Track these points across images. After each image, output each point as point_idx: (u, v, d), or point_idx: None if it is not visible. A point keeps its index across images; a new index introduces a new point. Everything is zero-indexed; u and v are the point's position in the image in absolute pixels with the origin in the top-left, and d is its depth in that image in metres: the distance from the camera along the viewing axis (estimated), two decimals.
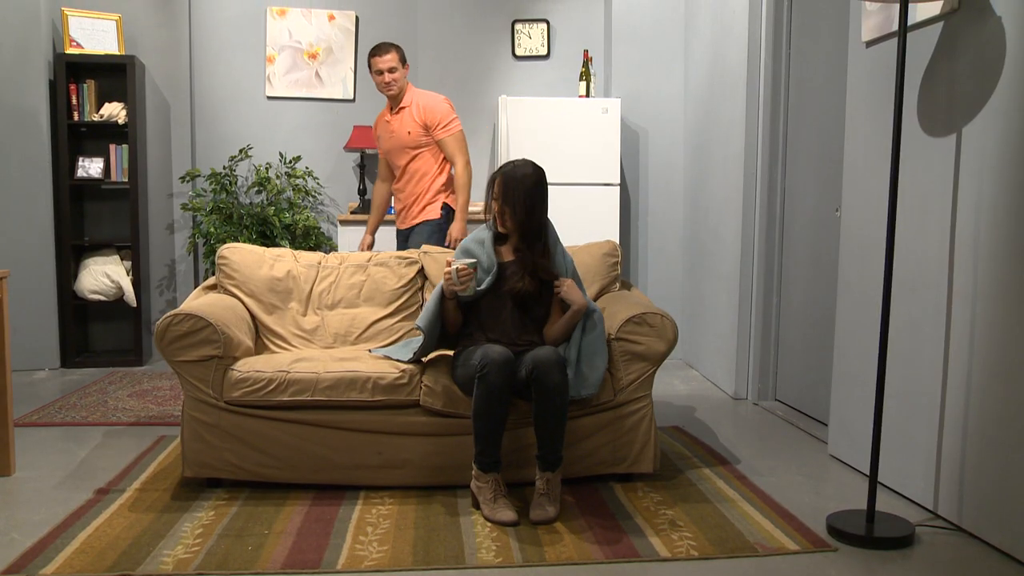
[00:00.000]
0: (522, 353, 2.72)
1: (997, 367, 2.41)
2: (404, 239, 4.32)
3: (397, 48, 4.11)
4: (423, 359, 2.98)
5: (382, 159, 4.33)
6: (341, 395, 2.82)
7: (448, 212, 4.23)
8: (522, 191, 2.79)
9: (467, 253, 2.88)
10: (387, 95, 4.14)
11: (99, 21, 5.11)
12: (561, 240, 2.98)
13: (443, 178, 4.22)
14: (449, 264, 2.71)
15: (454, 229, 4.14)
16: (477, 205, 5.31)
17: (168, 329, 2.79)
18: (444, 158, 4.20)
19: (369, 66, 4.10)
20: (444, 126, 4.11)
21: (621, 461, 2.94)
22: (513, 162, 2.86)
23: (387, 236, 5.13)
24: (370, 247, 4.49)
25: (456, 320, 2.89)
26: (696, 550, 2.39)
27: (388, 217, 5.17)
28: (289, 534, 2.50)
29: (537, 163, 2.88)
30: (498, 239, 2.92)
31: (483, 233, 2.93)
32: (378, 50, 4.08)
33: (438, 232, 4.18)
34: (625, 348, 2.91)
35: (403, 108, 4.13)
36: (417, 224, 4.20)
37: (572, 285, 2.81)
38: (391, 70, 4.06)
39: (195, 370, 2.82)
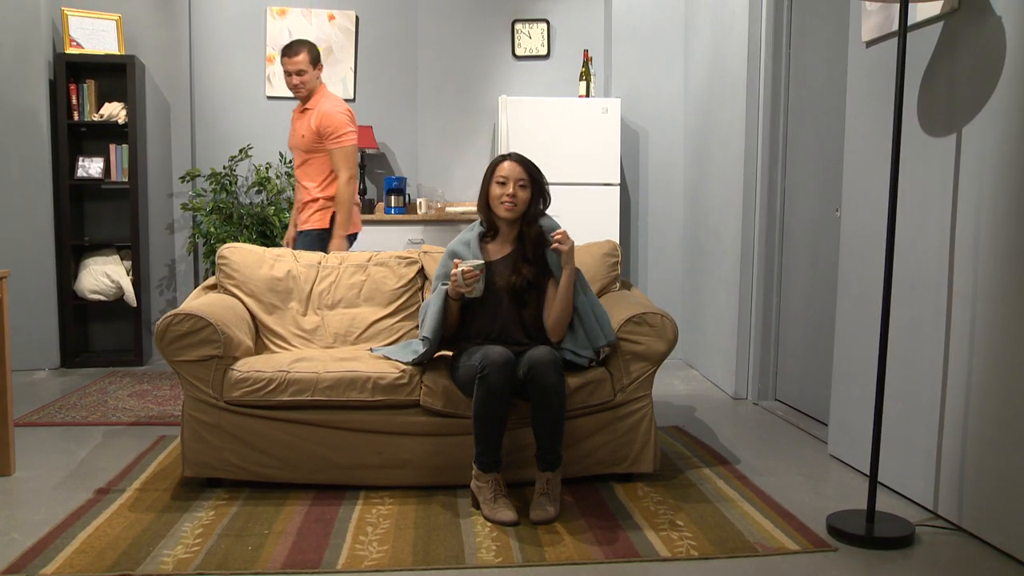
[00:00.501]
0: (522, 353, 2.72)
1: (997, 367, 2.41)
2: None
3: (309, 49, 3.87)
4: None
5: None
6: (341, 395, 2.82)
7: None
8: (537, 174, 2.90)
9: (454, 255, 2.90)
10: (296, 96, 3.95)
11: (99, 21, 5.11)
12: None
13: (334, 190, 3.93)
14: (456, 265, 2.71)
15: (332, 246, 3.85)
16: (469, 205, 5.32)
17: (168, 329, 2.79)
18: None
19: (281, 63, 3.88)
20: (336, 137, 3.84)
21: (621, 461, 2.93)
22: (509, 152, 2.95)
23: (388, 236, 5.14)
24: (293, 242, 4.12)
25: (456, 322, 2.90)
26: (696, 550, 2.39)
27: (389, 217, 5.18)
28: (289, 534, 2.50)
29: None
30: (485, 237, 2.94)
31: (468, 234, 2.95)
32: (289, 50, 3.85)
33: (318, 243, 3.92)
34: (625, 348, 2.91)
35: (308, 110, 3.90)
36: (303, 229, 3.98)
37: (566, 234, 2.82)
38: (299, 72, 3.84)
39: (195, 370, 2.82)
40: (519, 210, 2.86)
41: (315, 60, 3.91)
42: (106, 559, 2.30)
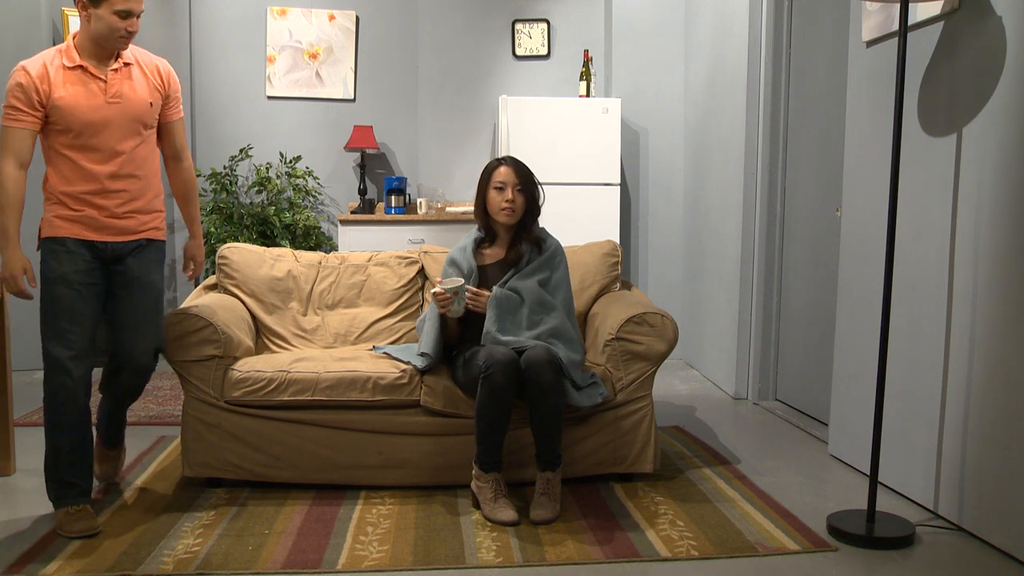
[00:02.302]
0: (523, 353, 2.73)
1: (997, 367, 2.41)
2: (112, 257, 2.62)
3: None
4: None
5: (26, 132, 2.47)
6: (341, 395, 2.82)
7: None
8: (531, 177, 2.92)
9: (454, 263, 2.94)
10: (118, 48, 2.54)
11: None
12: (549, 232, 3.05)
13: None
14: (439, 281, 2.77)
15: (198, 250, 2.91)
16: (470, 205, 5.31)
17: (168, 329, 2.79)
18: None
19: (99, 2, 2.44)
20: (179, 102, 2.78)
21: (621, 461, 2.93)
22: (503, 156, 2.97)
23: (387, 234, 5.14)
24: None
25: (457, 331, 2.91)
26: (696, 550, 2.39)
27: (390, 217, 5.18)
28: (289, 534, 2.50)
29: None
30: (481, 243, 2.96)
31: (466, 240, 2.98)
32: None
33: (163, 259, 2.79)
34: (625, 348, 2.91)
35: (128, 65, 2.58)
36: (142, 239, 2.66)
37: (478, 297, 2.80)
38: (139, 16, 2.51)
39: (195, 370, 2.82)
40: (518, 215, 2.88)
41: None
42: (106, 559, 2.30)
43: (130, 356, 2.65)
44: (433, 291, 2.73)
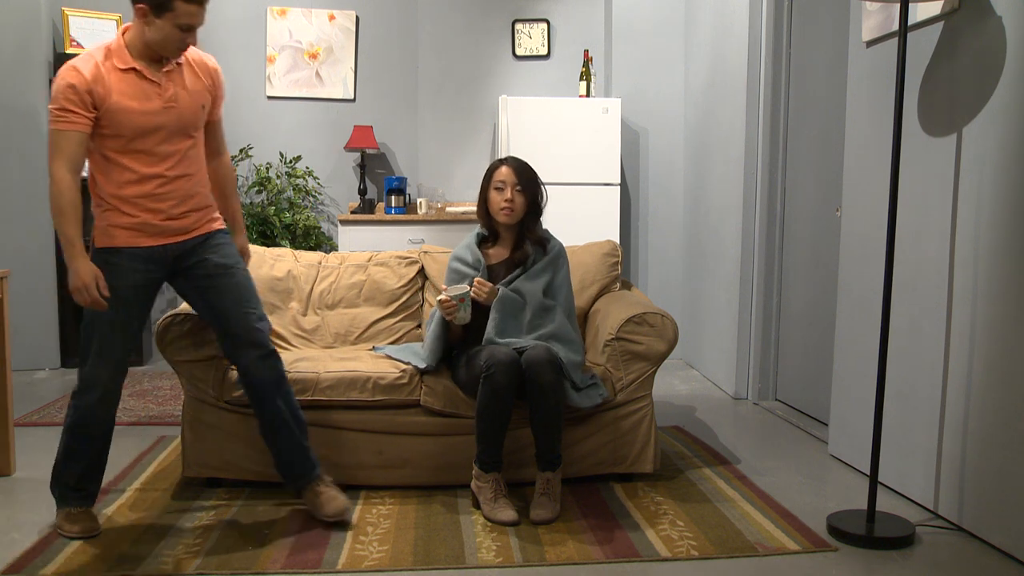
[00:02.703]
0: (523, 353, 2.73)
1: (997, 367, 2.41)
2: (175, 256, 2.55)
3: None
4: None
5: (79, 135, 2.32)
6: (341, 395, 2.82)
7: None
8: (532, 177, 2.90)
9: (460, 259, 2.94)
10: (171, 57, 2.45)
11: (99, 21, 5.11)
12: (555, 236, 3.03)
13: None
14: (443, 289, 2.76)
15: (244, 246, 2.83)
16: (470, 205, 5.32)
17: (168, 329, 2.79)
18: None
19: (164, 6, 2.30)
20: (222, 99, 2.69)
21: (621, 461, 2.93)
22: (505, 157, 2.95)
23: (387, 234, 5.14)
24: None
25: (459, 335, 2.91)
26: (696, 550, 2.39)
27: (390, 217, 5.18)
28: (289, 534, 2.50)
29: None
30: (485, 241, 2.96)
31: (470, 238, 2.99)
32: None
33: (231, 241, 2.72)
34: (625, 348, 2.91)
35: (179, 64, 2.49)
36: (202, 234, 2.58)
37: (480, 289, 2.79)
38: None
39: (195, 370, 2.82)
40: (517, 215, 2.88)
41: None
42: (106, 559, 2.30)
43: (248, 337, 2.51)
44: (438, 299, 2.72)
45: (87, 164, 2.42)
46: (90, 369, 2.44)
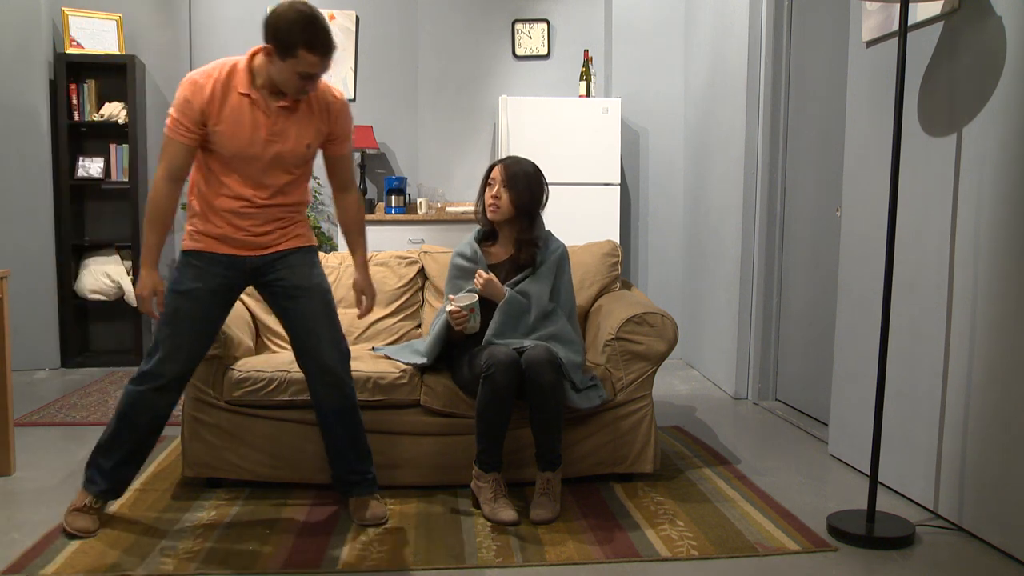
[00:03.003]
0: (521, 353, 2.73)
1: (997, 367, 2.41)
2: (254, 269, 2.55)
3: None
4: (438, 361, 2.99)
5: (185, 147, 2.39)
6: None
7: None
8: (523, 175, 2.86)
9: (461, 255, 2.94)
10: (293, 97, 2.41)
11: (99, 21, 5.11)
12: (555, 235, 3.02)
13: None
14: (451, 299, 2.73)
15: (367, 282, 2.75)
16: (469, 205, 5.32)
17: None
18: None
19: (288, 52, 2.26)
20: (347, 138, 2.62)
21: (621, 461, 2.93)
22: (507, 156, 2.94)
23: (387, 234, 5.14)
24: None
25: (460, 335, 2.90)
26: (696, 550, 2.39)
27: (390, 217, 5.18)
28: (289, 534, 2.50)
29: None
30: (484, 240, 2.96)
31: (468, 237, 3.01)
32: (325, 47, 2.30)
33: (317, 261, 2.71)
34: (625, 348, 2.91)
35: (298, 100, 2.45)
36: (284, 249, 2.57)
37: (488, 282, 2.81)
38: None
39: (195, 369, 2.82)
40: (503, 213, 2.87)
41: None
42: (106, 559, 2.30)
43: (315, 361, 2.54)
44: (448, 310, 2.71)
45: (192, 170, 2.49)
46: (157, 363, 2.49)
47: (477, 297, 2.75)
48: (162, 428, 2.60)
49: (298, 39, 2.24)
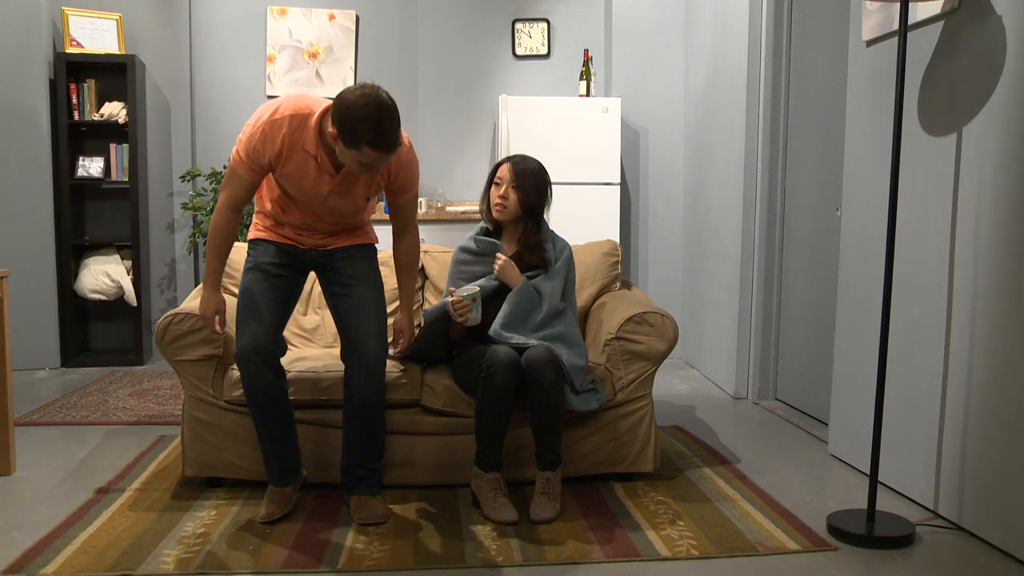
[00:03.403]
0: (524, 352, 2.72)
1: (997, 367, 2.41)
2: (313, 260, 2.69)
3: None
4: (424, 361, 2.98)
5: (248, 183, 2.50)
6: (342, 394, 2.82)
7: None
8: (531, 173, 2.86)
9: (465, 250, 2.93)
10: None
11: (99, 20, 5.11)
12: (558, 234, 3.02)
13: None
14: (452, 291, 2.73)
15: (408, 324, 2.84)
16: (470, 205, 5.32)
17: (168, 328, 2.79)
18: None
19: (353, 144, 2.26)
20: (409, 186, 2.65)
21: (621, 460, 2.94)
22: (515, 154, 2.94)
23: (388, 234, 5.13)
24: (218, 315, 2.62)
25: (460, 332, 2.90)
26: (696, 549, 2.39)
27: (388, 217, 5.17)
28: (289, 534, 2.50)
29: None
30: (488, 236, 2.96)
31: (474, 232, 3.00)
32: (390, 146, 2.28)
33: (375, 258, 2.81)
34: (625, 347, 2.91)
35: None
36: (346, 245, 2.70)
37: (507, 264, 2.83)
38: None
39: (195, 369, 2.82)
40: (510, 212, 2.87)
41: None
42: (107, 559, 2.30)
43: (359, 349, 2.59)
44: (451, 300, 2.70)
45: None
46: (239, 339, 2.55)
47: (478, 288, 2.75)
48: (284, 402, 2.62)
49: (364, 136, 2.23)
